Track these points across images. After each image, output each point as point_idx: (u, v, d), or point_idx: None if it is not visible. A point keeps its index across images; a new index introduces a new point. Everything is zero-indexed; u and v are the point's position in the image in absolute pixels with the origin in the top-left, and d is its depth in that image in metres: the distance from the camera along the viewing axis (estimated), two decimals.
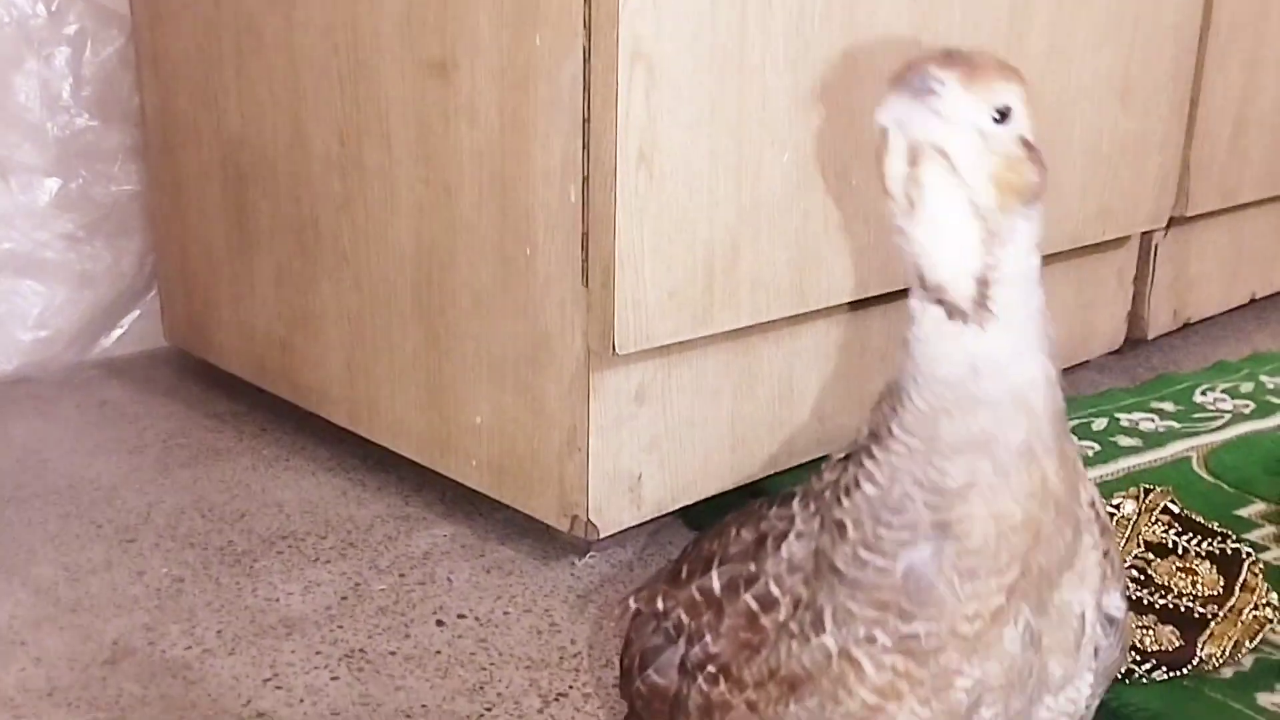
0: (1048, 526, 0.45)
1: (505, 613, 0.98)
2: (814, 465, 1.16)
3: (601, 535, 1.01)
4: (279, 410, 1.33)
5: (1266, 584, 0.95)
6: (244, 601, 0.99)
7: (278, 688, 0.88)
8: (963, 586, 0.45)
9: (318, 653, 0.92)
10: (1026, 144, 0.46)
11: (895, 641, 0.45)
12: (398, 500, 1.17)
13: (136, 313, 1.55)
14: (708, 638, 0.52)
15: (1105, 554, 0.49)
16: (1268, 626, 0.91)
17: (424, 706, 0.86)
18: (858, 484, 0.47)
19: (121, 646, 0.93)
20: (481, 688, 0.88)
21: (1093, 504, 0.50)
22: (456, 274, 1.05)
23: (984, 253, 0.45)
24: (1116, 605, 0.49)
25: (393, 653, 0.93)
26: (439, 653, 0.93)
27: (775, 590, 0.49)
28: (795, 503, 0.51)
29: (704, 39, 0.92)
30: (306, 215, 1.20)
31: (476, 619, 0.97)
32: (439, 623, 0.97)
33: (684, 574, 0.56)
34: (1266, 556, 1.03)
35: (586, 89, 0.91)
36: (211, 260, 1.36)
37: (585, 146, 0.92)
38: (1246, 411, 1.39)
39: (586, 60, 0.90)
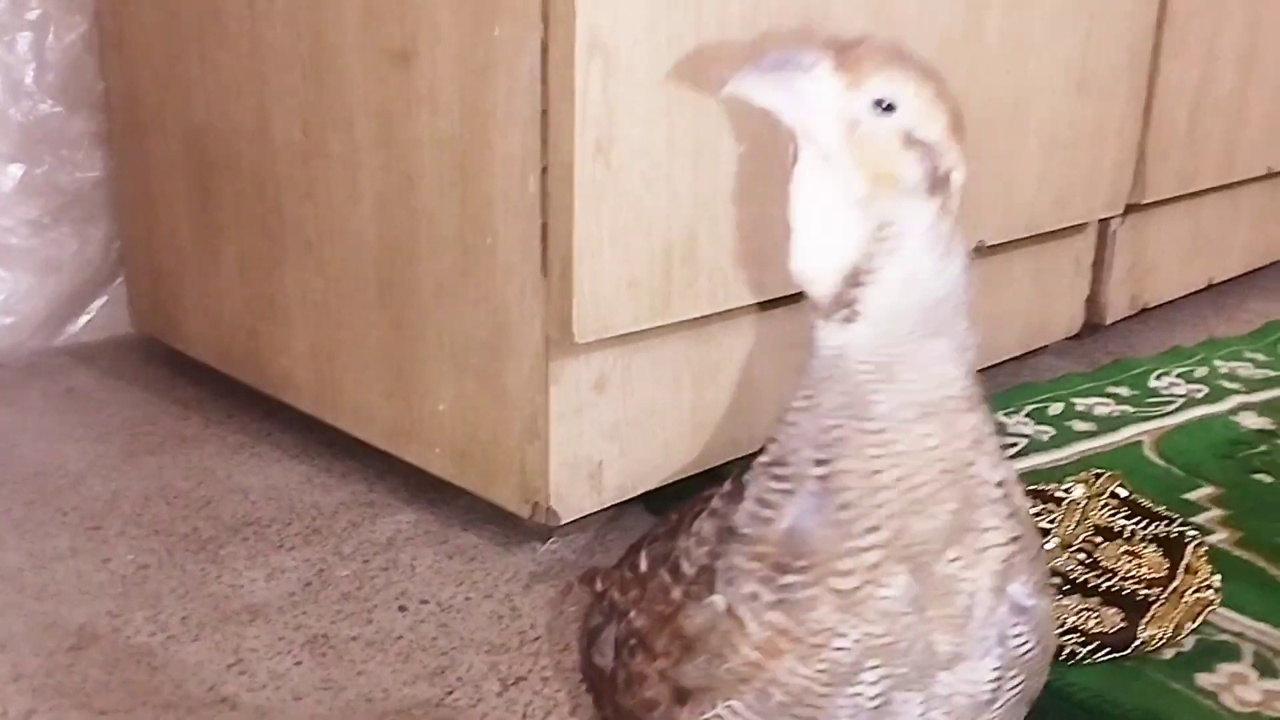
0: (923, 493, 0.47)
1: (467, 598, 1.00)
2: None
3: (562, 521, 1.03)
4: (245, 397, 1.34)
5: (1210, 567, 0.98)
6: (208, 588, 1.00)
7: (241, 673, 0.89)
8: (838, 542, 0.46)
9: (281, 638, 0.94)
10: (911, 142, 0.45)
11: (774, 597, 0.47)
12: (362, 487, 1.18)
13: (103, 299, 1.55)
14: (631, 613, 0.54)
15: (1015, 539, 0.49)
16: (1209, 608, 0.93)
17: (385, 691, 0.88)
18: (762, 450, 0.49)
19: (87, 633, 0.94)
20: (442, 672, 0.90)
21: (1002, 484, 0.50)
22: (419, 262, 1.06)
23: (856, 250, 0.46)
24: (1027, 594, 0.49)
25: (355, 638, 0.94)
26: (401, 638, 0.94)
27: (684, 563, 0.51)
28: (726, 483, 0.53)
29: (660, 29, 0.94)
30: (271, 203, 1.21)
31: (438, 604, 0.99)
32: (401, 608, 0.98)
33: (624, 557, 0.58)
34: (1212, 539, 1.06)
35: (544, 80, 0.92)
36: (177, 247, 1.36)
37: (544, 137, 0.93)
38: (1199, 396, 1.41)
39: (544, 51, 0.91)
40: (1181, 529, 1.02)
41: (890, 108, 0.44)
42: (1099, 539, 1.01)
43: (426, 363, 1.08)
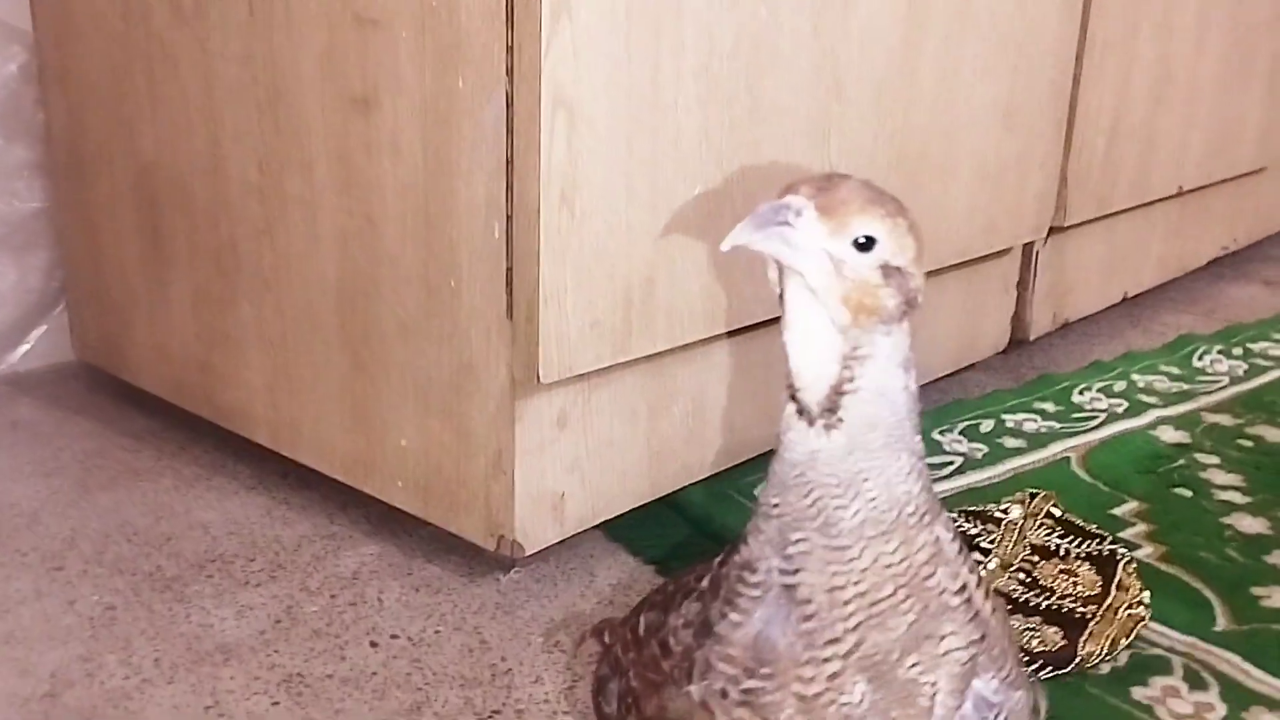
0: (884, 606, 0.51)
1: (436, 631, 1.02)
2: (726, 475, 1.23)
3: (527, 553, 1.06)
4: (196, 427, 1.35)
5: (1140, 583, 1.04)
6: (178, 628, 1.02)
7: (220, 715, 0.91)
8: (801, 651, 0.50)
9: (256, 678, 0.96)
10: (888, 270, 0.50)
11: (741, 697, 0.51)
12: (323, 519, 1.20)
13: (43, 328, 1.54)
14: (630, 674, 0.58)
15: (977, 640, 0.53)
16: (1141, 624, 1.00)
17: None
18: (735, 549, 0.53)
19: (60, 679, 0.94)
20: (419, 708, 0.93)
21: (963, 589, 0.53)
22: (381, 302, 1.08)
23: (840, 366, 0.50)
24: (994, 690, 0.53)
25: (330, 676, 0.96)
26: (375, 674, 0.97)
27: (671, 640, 0.55)
28: (716, 561, 0.57)
29: (621, 83, 0.97)
30: (225, 239, 1.22)
31: (409, 639, 1.01)
32: (373, 644, 1.01)
33: (630, 613, 0.61)
34: (1139, 554, 1.12)
35: (510, 132, 0.94)
36: (125, 279, 1.36)
37: (509, 186, 0.96)
38: (1120, 411, 1.49)
39: (510, 105, 0.94)
40: (1112, 547, 1.08)
41: (870, 243, 0.49)
42: (1037, 558, 1.07)
43: (389, 399, 1.10)
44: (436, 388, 1.06)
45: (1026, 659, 0.93)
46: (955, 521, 0.64)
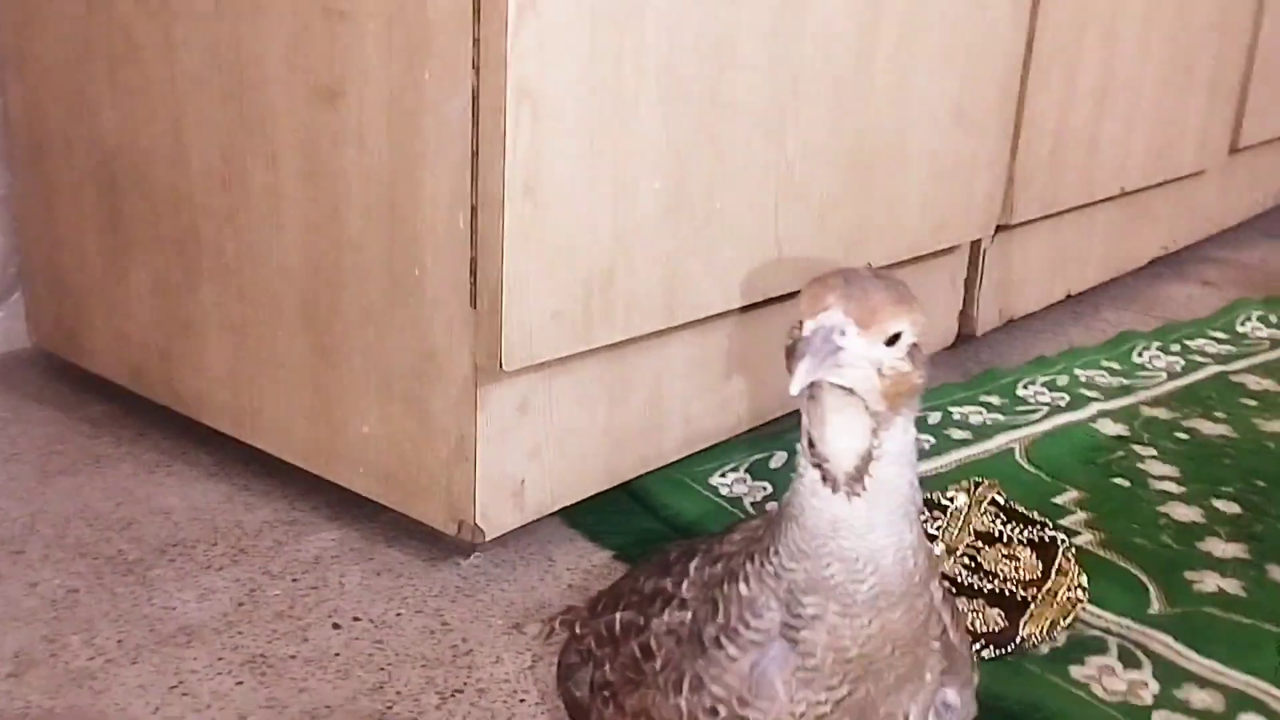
0: (880, 663, 0.54)
1: (398, 614, 1.04)
2: (682, 463, 1.26)
3: (487, 538, 1.08)
4: (155, 414, 1.35)
5: (1078, 567, 1.08)
6: (141, 610, 1.03)
7: (184, 694, 0.93)
8: (797, 691, 0.53)
9: (220, 659, 0.97)
10: (913, 351, 0.53)
11: (730, 718, 0.54)
12: (284, 505, 1.21)
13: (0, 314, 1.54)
14: (606, 666, 0.61)
15: (947, 662, 0.57)
16: (1079, 606, 1.04)
17: (328, 707, 0.92)
18: (736, 579, 0.55)
19: (23, 659, 0.95)
20: (381, 687, 0.95)
21: (943, 634, 0.58)
22: (344, 290, 1.10)
23: (871, 439, 0.53)
24: (954, 694, 0.58)
25: (293, 656, 0.98)
26: (338, 654, 0.98)
27: (654, 645, 0.58)
28: (692, 565, 0.60)
29: (585, 78, 0.99)
30: (187, 227, 1.23)
31: (371, 621, 1.03)
32: (335, 625, 1.02)
33: (599, 607, 0.64)
34: (1079, 541, 1.17)
35: (475, 124, 0.96)
36: (84, 266, 1.36)
37: (474, 178, 0.98)
38: (1062, 404, 1.54)
39: (475, 98, 0.96)
40: (1053, 533, 1.13)
41: (897, 336, 0.52)
42: (980, 544, 1.11)
43: (351, 387, 1.12)
44: (399, 375, 1.08)
45: (970, 639, 0.97)
46: None
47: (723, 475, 1.27)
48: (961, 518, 1.15)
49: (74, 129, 1.32)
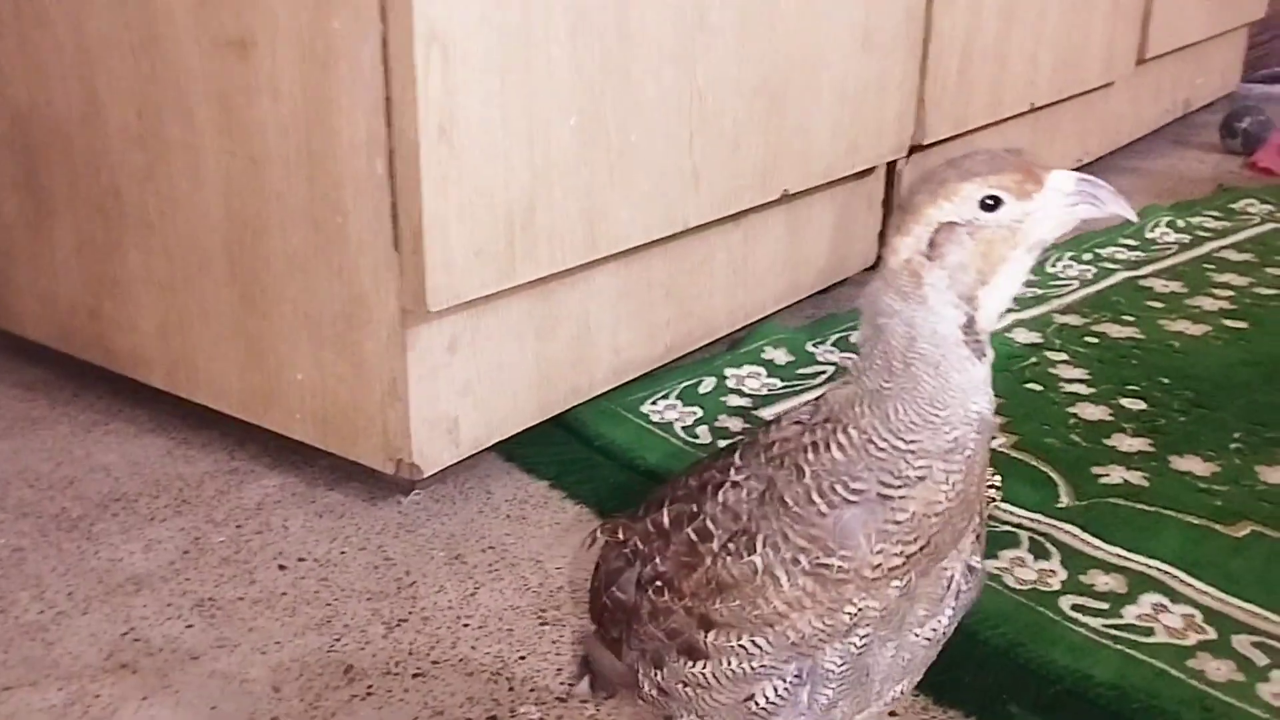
0: (955, 516, 0.58)
1: (341, 552, 1.08)
2: (613, 394, 1.29)
3: (425, 475, 1.11)
4: (87, 375, 1.36)
5: (991, 469, 1.14)
6: (88, 564, 1.05)
7: (136, 639, 0.95)
8: (877, 544, 0.57)
9: (169, 605, 1.00)
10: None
11: (812, 567, 0.58)
12: (224, 455, 1.23)
13: None
14: (656, 560, 0.65)
15: (977, 527, 0.62)
16: (992, 504, 1.09)
17: (278, 643, 0.95)
18: (828, 447, 0.58)
19: None
20: (329, 621, 0.98)
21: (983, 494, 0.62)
22: (269, 240, 1.11)
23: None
24: (976, 559, 0.63)
25: (241, 598, 1.01)
26: (285, 594, 1.01)
27: (711, 526, 0.62)
28: (736, 456, 0.63)
29: (493, 18, 1.01)
30: (107, 186, 1.23)
31: (315, 560, 1.06)
32: (280, 567, 1.05)
33: (641, 512, 0.68)
34: (994, 444, 1.22)
35: (386, 70, 0.98)
36: (4, 231, 1.36)
37: (389, 123, 0.99)
38: None
39: (384, 44, 0.97)
40: None
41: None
42: None
43: (282, 335, 1.14)
44: (328, 321, 1.10)
45: None
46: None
47: (654, 403, 1.31)
48: None
49: None
